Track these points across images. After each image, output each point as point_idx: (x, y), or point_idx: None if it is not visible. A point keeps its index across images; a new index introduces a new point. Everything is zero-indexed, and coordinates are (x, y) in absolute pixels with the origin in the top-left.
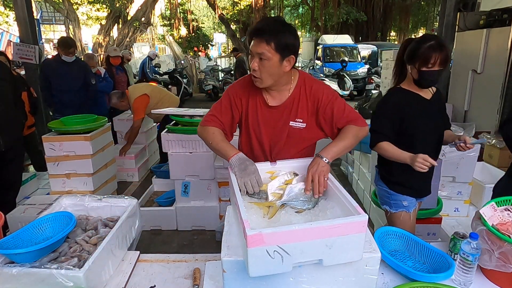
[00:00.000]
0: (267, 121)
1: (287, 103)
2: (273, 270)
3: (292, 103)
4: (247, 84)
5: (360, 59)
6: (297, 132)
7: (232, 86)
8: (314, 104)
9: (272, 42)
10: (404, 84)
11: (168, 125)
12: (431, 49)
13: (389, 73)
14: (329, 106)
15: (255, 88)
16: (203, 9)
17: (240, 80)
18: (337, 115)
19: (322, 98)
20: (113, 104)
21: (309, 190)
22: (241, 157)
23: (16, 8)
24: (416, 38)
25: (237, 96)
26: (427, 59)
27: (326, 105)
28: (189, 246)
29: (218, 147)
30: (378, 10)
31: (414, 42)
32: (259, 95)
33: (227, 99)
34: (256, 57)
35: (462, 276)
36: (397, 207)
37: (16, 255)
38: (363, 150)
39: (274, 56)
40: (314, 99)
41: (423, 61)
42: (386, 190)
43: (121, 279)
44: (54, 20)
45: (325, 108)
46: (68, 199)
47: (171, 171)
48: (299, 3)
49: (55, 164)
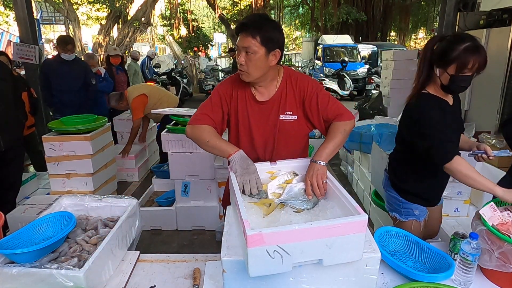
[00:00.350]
0: (257, 116)
1: (275, 98)
2: (273, 270)
3: (280, 97)
4: (236, 81)
5: (360, 59)
6: (289, 126)
7: (221, 83)
8: (301, 95)
9: (257, 36)
10: (430, 89)
11: (168, 125)
12: (469, 53)
13: (389, 73)
14: (314, 97)
15: (243, 85)
16: (203, 9)
17: (228, 78)
18: (322, 106)
19: (307, 88)
20: (111, 105)
21: (310, 195)
22: (242, 155)
23: (16, 8)
24: (447, 37)
25: (227, 93)
26: (463, 64)
27: (312, 96)
28: (189, 246)
29: (216, 145)
30: (378, 10)
31: (445, 42)
32: (247, 92)
33: (217, 97)
34: (243, 51)
35: (462, 276)
36: (407, 215)
37: (16, 255)
38: (363, 150)
39: (259, 49)
40: (300, 90)
41: (458, 66)
42: (397, 197)
43: (121, 279)
44: (54, 20)
45: (310, 98)
46: (68, 199)
47: (171, 171)
48: (299, 3)
49: (55, 164)
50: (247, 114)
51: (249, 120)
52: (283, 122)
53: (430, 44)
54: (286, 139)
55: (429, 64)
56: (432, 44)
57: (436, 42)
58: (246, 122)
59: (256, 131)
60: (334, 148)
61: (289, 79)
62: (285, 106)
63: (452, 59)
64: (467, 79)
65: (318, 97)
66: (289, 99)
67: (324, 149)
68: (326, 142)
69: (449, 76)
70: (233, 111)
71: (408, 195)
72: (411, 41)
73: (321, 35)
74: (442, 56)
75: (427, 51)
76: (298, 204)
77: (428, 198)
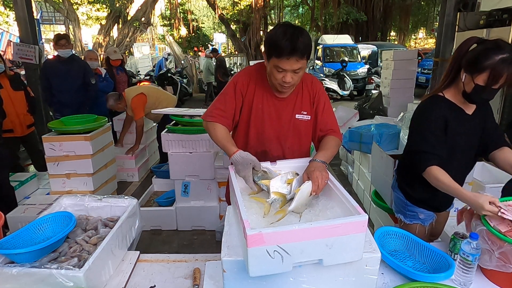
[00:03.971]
0: (272, 112)
1: (292, 96)
2: (273, 270)
3: (296, 96)
4: (254, 74)
5: (360, 59)
6: (303, 125)
7: (238, 75)
8: (314, 97)
9: (305, 55)
10: (448, 93)
11: (168, 125)
12: (505, 64)
13: (389, 73)
14: (321, 103)
15: (261, 79)
16: (203, 9)
17: (245, 69)
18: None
19: (319, 92)
20: (109, 106)
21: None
22: (241, 154)
23: (16, 8)
24: (486, 42)
25: (244, 85)
26: (495, 76)
27: (319, 101)
28: (189, 246)
29: (221, 144)
30: (378, 10)
31: (482, 46)
32: (266, 87)
33: (232, 87)
34: (290, 71)
35: (462, 276)
36: (412, 218)
37: (16, 255)
38: (363, 150)
39: (305, 65)
40: (314, 93)
41: (489, 77)
42: (403, 199)
43: (121, 279)
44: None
45: (318, 103)
46: (68, 199)
47: (171, 171)
48: (299, 3)
49: (55, 164)
50: (261, 108)
51: (263, 114)
52: (299, 121)
53: (465, 46)
54: (299, 137)
55: (458, 66)
56: (467, 45)
57: (472, 43)
58: (260, 116)
59: (269, 126)
60: (330, 156)
61: (305, 81)
62: (301, 106)
63: (484, 67)
64: (492, 92)
65: (325, 105)
66: (305, 100)
67: (326, 150)
68: (325, 149)
69: (474, 85)
70: (247, 102)
71: (414, 200)
72: (411, 41)
73: (321, 35)
74: (473, 61)
75: (460, 51)
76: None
77: (435, 205)
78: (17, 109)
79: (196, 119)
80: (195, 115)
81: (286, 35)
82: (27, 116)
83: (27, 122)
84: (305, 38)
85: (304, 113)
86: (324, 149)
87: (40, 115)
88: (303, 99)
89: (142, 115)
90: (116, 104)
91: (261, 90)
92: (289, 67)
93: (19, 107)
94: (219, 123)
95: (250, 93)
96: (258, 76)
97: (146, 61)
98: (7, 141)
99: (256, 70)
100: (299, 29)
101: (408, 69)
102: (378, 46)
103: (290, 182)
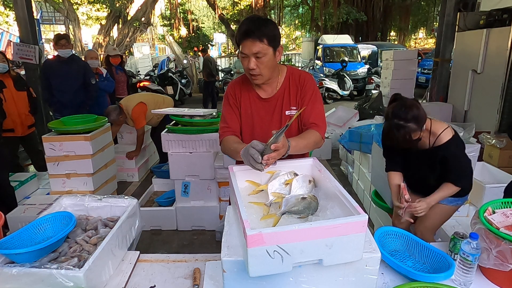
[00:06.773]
0: (261, 113)
1: (278, 95)
2: (273, 270)
3: (283, 93)
4: (240, 81)
5: (360, 59)
6: (294, 121)
7: (228, 86)
8: (300, 88)
9: (264, 38)
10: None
11: (168, 125)
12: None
13: (389, 73)
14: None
15: (247, 84)
16: (203, 9)
17: (234, 80)
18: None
19: (307, 83)
20: (112, 120)
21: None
22: (244, 150)
23: (16, 8)
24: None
25: (233, 93)
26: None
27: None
28: (189, 246)
29: (229, 153)
30: (378, 10)
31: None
32: (251, 90)
33: (226, 101)
34: (252, 57)
35: (462, 276)
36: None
37: (16, 255)
38: (363, 150)
39: (268, 50)
40: (302, 85)
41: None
42: None
43: (121, 279)
44: (54, 20)
45: (305, 92)
46: (68, 199)
47: (171, 171)
48: (299, 3)
49: (55, 164)
50: (250, 112)
51: (252, 117)
52: (290, 117)
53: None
54: (292, 134)
55: None
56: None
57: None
58: (250, 119)
59: (259, 128)
60: (303, 145)
61: (292, 76)
62: (289, 102)
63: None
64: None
65: (311, 97)
66: (292, 95)
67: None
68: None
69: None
70: (241, 109)
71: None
72: (411, 41)
73: (321, 35)
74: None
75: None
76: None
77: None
78: (19, 109)
79: (196, 119)
80: (195, 115)
81: (245, 21)
82: (29, 117)
83: (28, 122)
84: (264, 23)
85: (293, 108)
86: (298, 137)
87: (40, 115)
88: (291, 94)
89: (144, 124)
90: (119, 117)
91: (247, 94)
92: (248, 51)
93: (21, 107)
94: (229, 135)
95: (239, 100)
96: (244, 82)
97: (146, 61)
98: (7, 140)
99: (243, 78)
100: (262, 18)
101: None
102: (378, 46)
103: (289, 183)
